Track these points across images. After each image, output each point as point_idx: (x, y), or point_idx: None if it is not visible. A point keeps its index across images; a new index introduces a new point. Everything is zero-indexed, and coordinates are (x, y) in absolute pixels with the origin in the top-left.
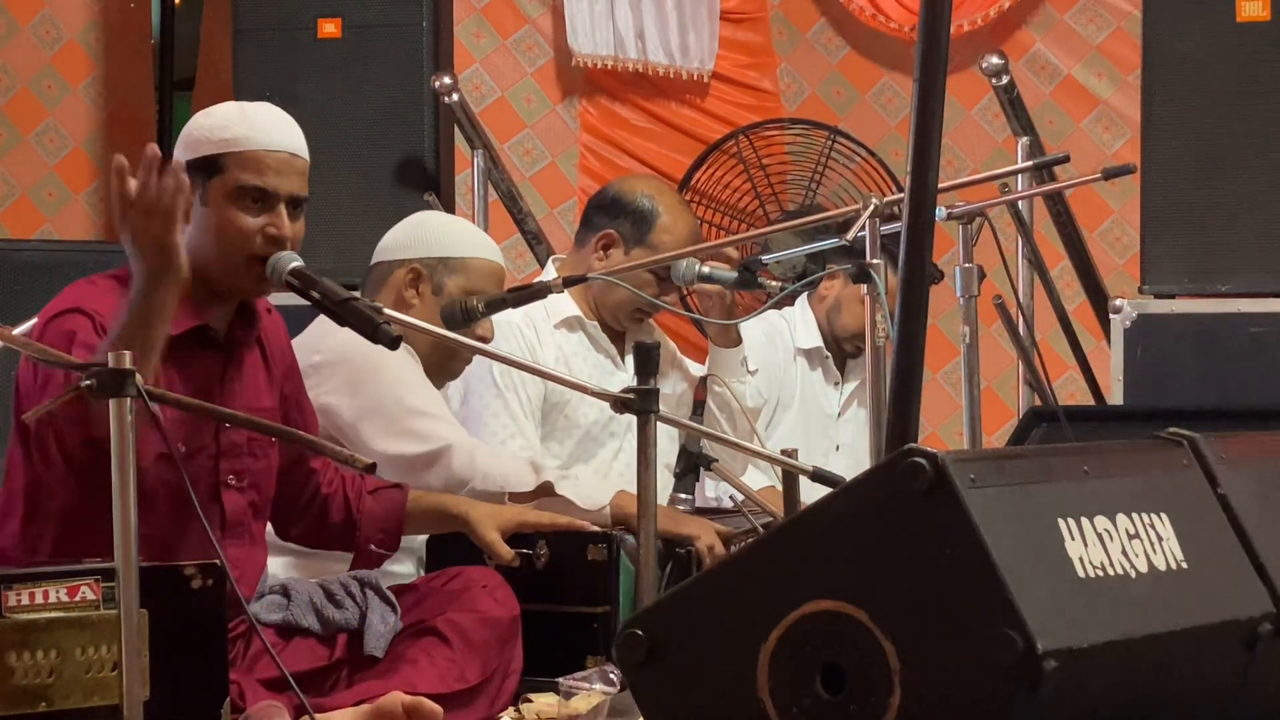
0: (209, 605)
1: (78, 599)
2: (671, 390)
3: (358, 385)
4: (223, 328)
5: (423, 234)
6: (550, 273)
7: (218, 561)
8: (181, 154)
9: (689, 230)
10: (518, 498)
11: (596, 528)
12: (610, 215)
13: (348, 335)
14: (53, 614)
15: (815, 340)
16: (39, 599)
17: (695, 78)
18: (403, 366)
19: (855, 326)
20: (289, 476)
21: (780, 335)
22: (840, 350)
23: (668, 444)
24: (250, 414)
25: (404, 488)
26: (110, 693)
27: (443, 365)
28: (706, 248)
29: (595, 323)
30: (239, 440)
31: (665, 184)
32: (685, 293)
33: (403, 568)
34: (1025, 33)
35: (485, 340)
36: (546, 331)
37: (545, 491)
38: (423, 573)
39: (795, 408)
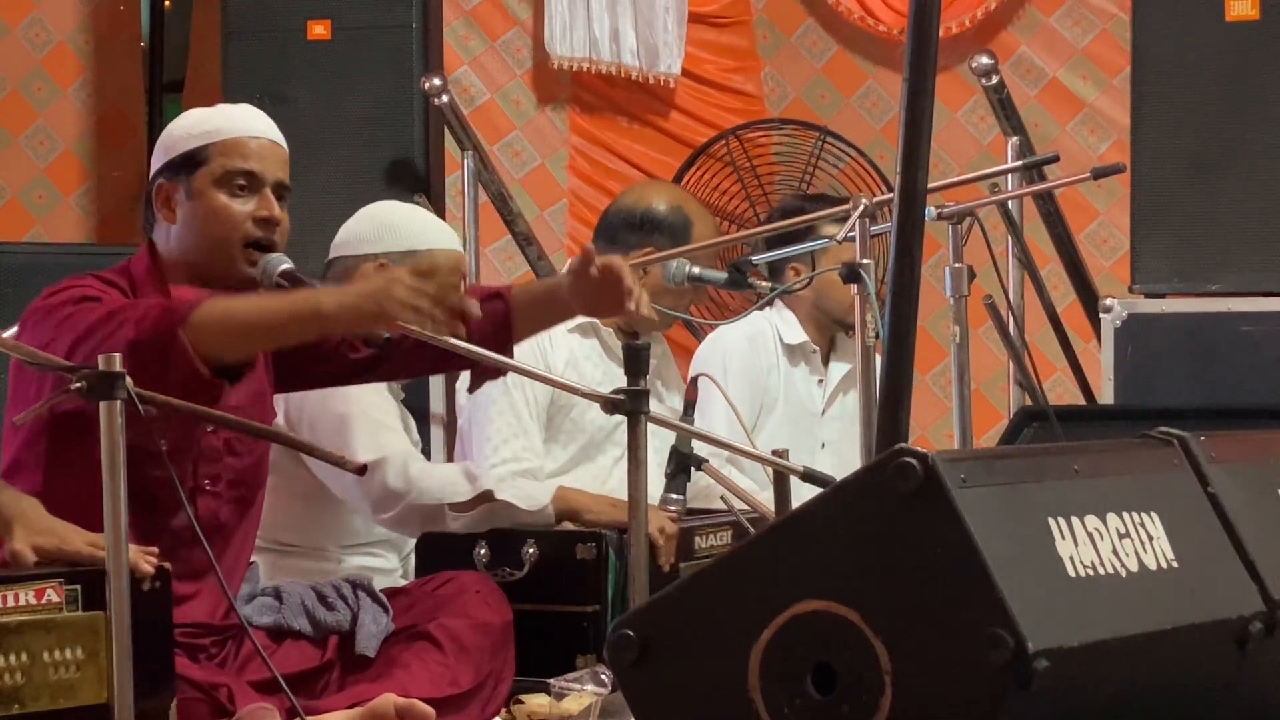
0: (156, 607)
1: (44, 601)
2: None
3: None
4: None
5: (387, 226)
6: None
7: (165, 565)
8: (161, 156)
9: (714, 231)
10: (457, 508)
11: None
12: (645, 233)
13: None
14: (22, 616)
15: (800, 336)
16: (10, 601)
17: (663, 81)
18: None
19: (846, 298)
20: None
21: (763, 336)
22: (832, 339)
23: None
24: (225, 414)
25: (504, 292)
26: (75, 694)
27: None
28: (698, 248)
29: (610, 330)
30: (216, 444)
31: (677, 189)
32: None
33: (386, 561)
34: (1010, 36)
35: None
36: (560, 334)
37: (484, 499)
38: (412, 567)
39: (780, 409)
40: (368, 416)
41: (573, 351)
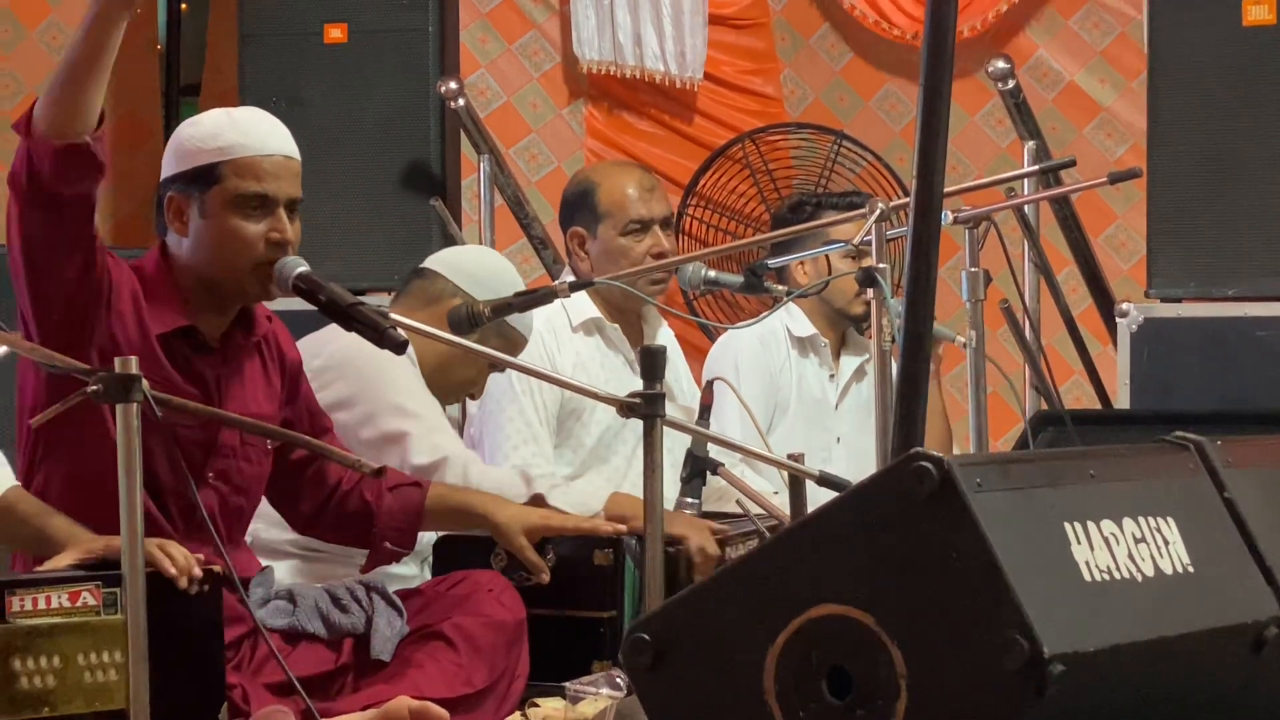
0: (206, 611)
1: (79, 604)
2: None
3: (358, 391)
4: (216, 333)
5: (480, 268)
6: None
7: (216, 568)
8: (173, 165)
9: (632, 180)
10: None
11: (621, 527)
12: (568, 219)
13: (349, 340)
14: (55, 619)
15: (809, 329)
16: (42, 604)
17: (689, 85)
18: (403, 373)
19: (850, 289)
20: (306, 471)
21: (774, 334)
22: (842, 335)
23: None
24: (243, 417)
25: (423, 485)
26: (111, 698)
27: (447, 385)
28: (714, 252)
29: (615, 326)
30: (232, 442)
31: (597, 163)
32: (692, 296)
33: (407, 569)
34: (1028, 39)
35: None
36: (565, 336)
37: (537, 503)
38: (428, 574)
39: (793, 406)
40: (424, 419)
41: (579, 353)
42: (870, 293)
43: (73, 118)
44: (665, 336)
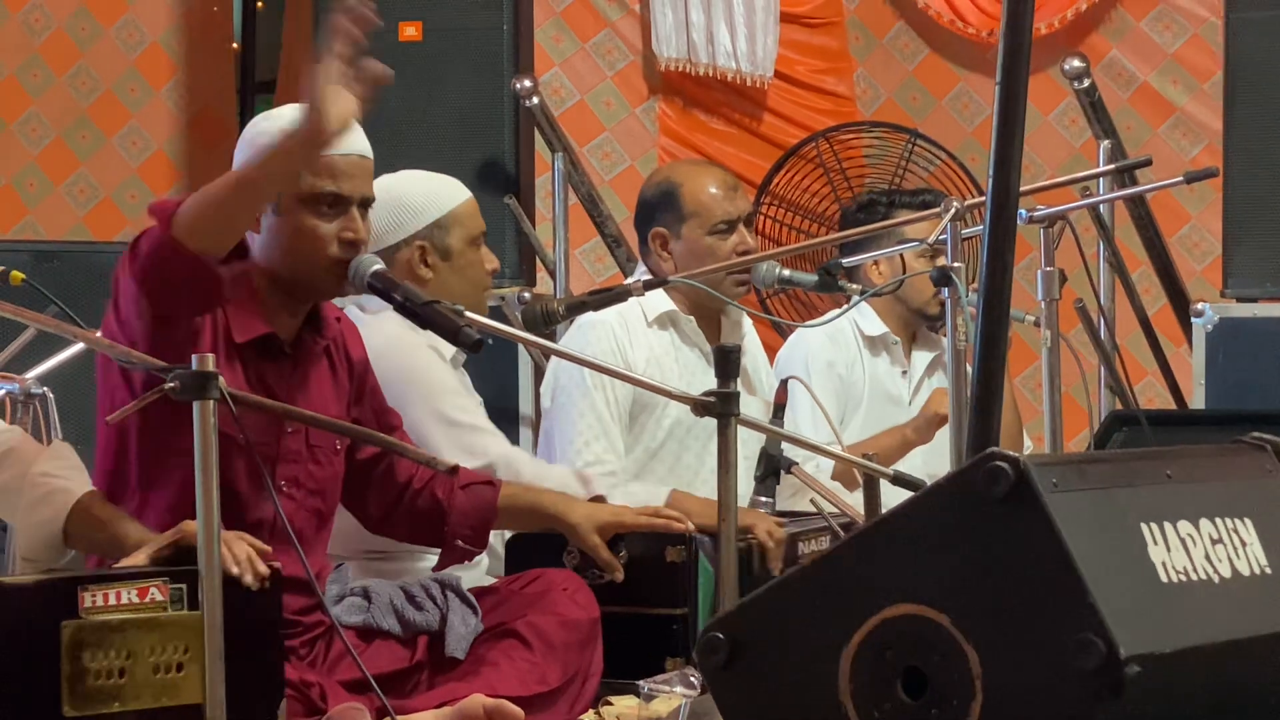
0: (265, 608)
1: (147, 600)
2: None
3: (396, 398)
4: (290, 336)
5: (404, 206)
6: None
7: (277, 565)
8: (247, 156)
9: (715, 179)
10: None
11: (691, 525)
12: (648, 219)
13: (381, 343)
14: (124, 615)
15: (879, 328)
16: (112, 600)
17: (759, 83)
18: (438, 375)
19: (926, 288)
20: (375, 470)
21: (843, 333)
22: (914, 333)
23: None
24: (316, 415)
25: (496, 483)
26: (178, 694)
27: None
28: (788, 251)
29: (691, 318)
30: (297, 447)
31: (674, 162)
32: (765, 295)
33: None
34: (1101, 39)
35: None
36: (639, 331)
37: (599, 503)
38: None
39: (864, 405)
40: (463, 424)
41: (652, 348)
42: (946, 291)
43: (217, 233)
44: (747, 329)
